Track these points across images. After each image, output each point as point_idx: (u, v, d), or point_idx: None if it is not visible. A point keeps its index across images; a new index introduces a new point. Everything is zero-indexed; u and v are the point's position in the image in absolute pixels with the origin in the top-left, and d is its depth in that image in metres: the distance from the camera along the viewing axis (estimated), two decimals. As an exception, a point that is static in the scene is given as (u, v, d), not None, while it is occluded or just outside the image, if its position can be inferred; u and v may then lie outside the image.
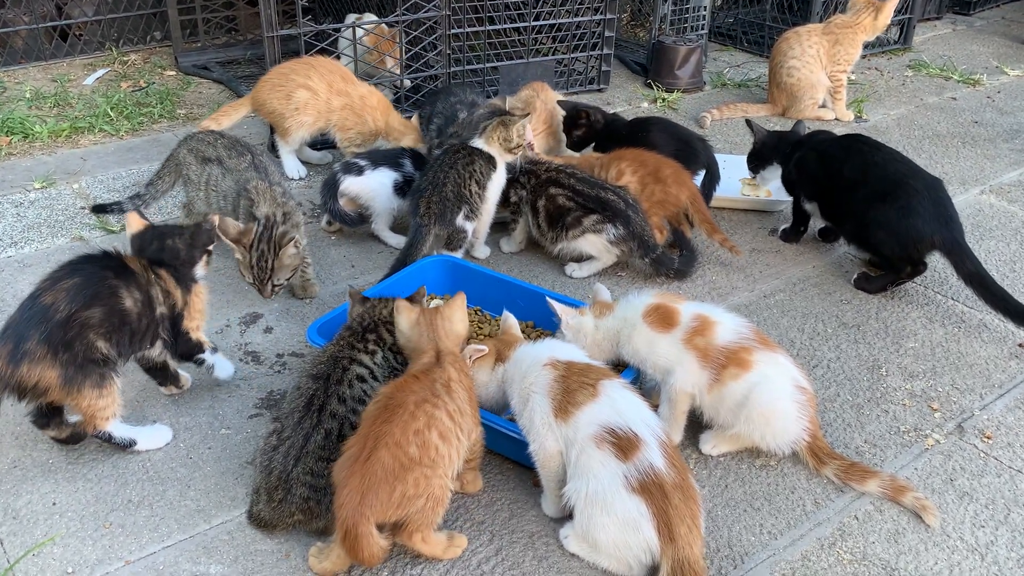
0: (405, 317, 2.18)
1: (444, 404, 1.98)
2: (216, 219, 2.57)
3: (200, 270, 2.48)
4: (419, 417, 1.92)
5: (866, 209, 3.11)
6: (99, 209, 3.21)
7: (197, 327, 2.45)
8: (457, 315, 2.20)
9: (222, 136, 3.20)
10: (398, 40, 4.29)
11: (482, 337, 2.75)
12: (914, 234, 3.02)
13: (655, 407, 2.25)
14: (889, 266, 3.18)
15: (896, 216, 3.04)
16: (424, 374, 2.03)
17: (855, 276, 3.25)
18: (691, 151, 3.56)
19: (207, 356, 2.49)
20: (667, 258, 3.20)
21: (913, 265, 3.13)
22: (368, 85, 3.89)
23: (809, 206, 3.41)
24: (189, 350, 2.45)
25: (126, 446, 2.32)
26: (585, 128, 3.74)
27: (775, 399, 2.28)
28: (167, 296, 2.36)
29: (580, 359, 2.18)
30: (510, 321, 2.40)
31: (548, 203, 3.20)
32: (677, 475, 1.96)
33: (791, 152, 3.42)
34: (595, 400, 2.03)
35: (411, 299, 2.44)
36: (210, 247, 2.48)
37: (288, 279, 2.89)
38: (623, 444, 1.96)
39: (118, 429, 2.28)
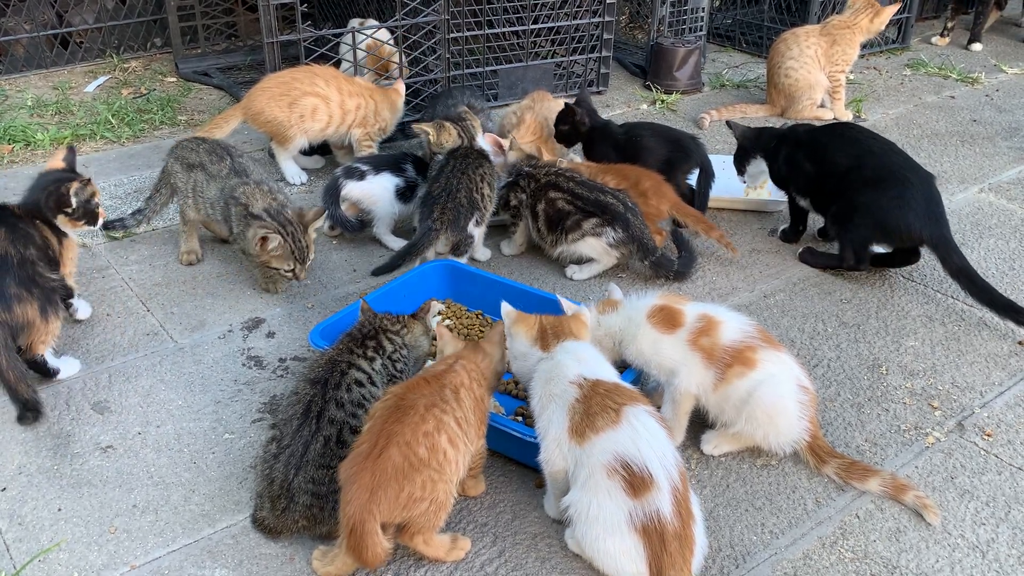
0: (451, 347, 2.23)
1: (452, 410, 1.98)
2: (73, 186, 2.70)
3: (63, 226, 2.73)
4: (429, 420, 1.93)
5: (857, 193, 3.14)
6: (103, 226, 3.22)
7: (69, 273, 2.77)
8: (497, 353, 2.21)
9: (204, 141, 3.21)
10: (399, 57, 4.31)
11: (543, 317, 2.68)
12: (903, 225, 3.06)
13: (657, 407, 2.25)
14: (843, 249, 3.22)
15: (888, 205, 3.07)
16: (435, 378, 2.04)
17: (800, 251, 3.38)
18: (684, 151, 3.58)
19: (75, 301, 2.88)
20: (667, 260, 3.21)
21: (858, 262, 3.20)
22: (363, 80, 3.94)
23: (803, 202, 3.42)
24: (66, 292, 2.77)
25: (52, 374, 2.64)
26: (568, 127, 3.72)
27: (779, 397, 2.29)
28: (47, 241, 2.67)
29: (609, 378, 2.10)
30: (584, 314, 2.31)
31: (548, 207, 3.21)
32: (680, 524, 1.91)
33: (776, 146, 3.44)
34: (616, 427, 1.95)
35: (416, 315, 2.46)
36: (67, 208, 2.69)
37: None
38: (635, 482, 1.89)
39: (50, 357, 2.63)
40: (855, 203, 3.15)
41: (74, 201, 2.66)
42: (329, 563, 1.99)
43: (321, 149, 4.07)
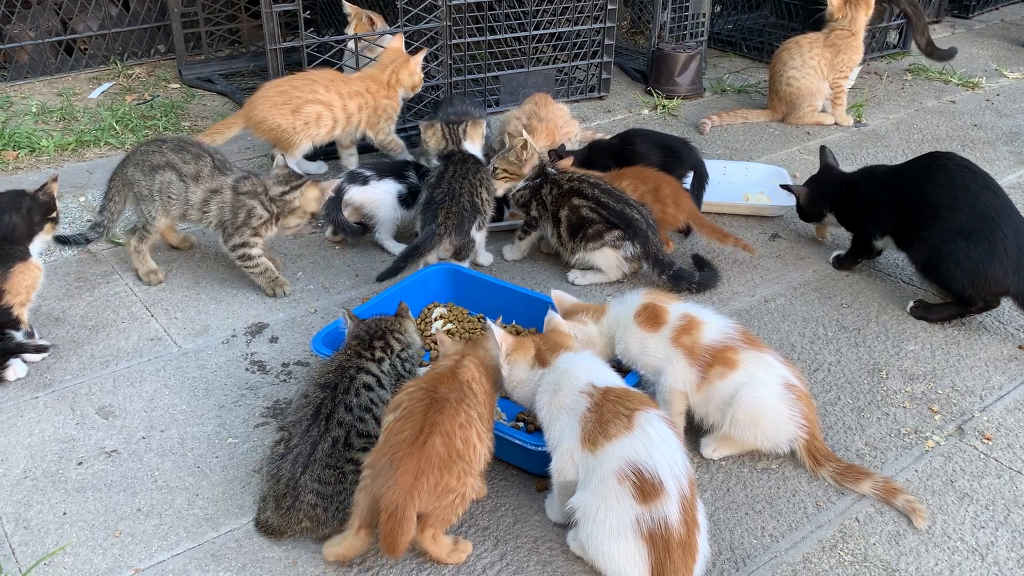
0: (449, 347, 2.26)
1: (474, 405, 2.02)
2: (53, 187, 2.74)
3: (39, 241, 2.72)
4: (461, 414, 1.97)
5: (946, 243, 2.94)
6: (61, 240, 3.14)
7: (20, 303, 2.65)
8: (495, 351, 2.23)
9: (164, 141, 3.11)
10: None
11: (531, 331, 2.73)
12: (992, 280, 2.89)
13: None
14: (959, 300, 3.02)
15: (977, 257, 2.89)
16: (452, 373, 2.07)
17: (911, 305, 3.12)
18: (676, 156, 3.62)
19: (18, 336, 2.67)
20: (686, 272, 3.20)
21: (985, 301, 2.99)
22: (361, 72, 3.97)
23: (880, 242, 3.22)
24: (6, 320, 2.64)
25: None
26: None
27: (761, 399, 2.30)
28: None
29: (617, 383, 2.11)
30: (556, 321, 2.33)
31: (571, 213, 3.18)
32: (685, 532, 1.92)
33: (847, 192, 3.29)
34: (629, 434, 1.95)
35: (398, 315, 2.47)
36: (52, 215, 2.66)
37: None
38: (645, 488, 1.90)
39: None
40: (942, 252, 2.95)
41: None
42: (337, 544, 2.01)
43: (324, 154, 4.09)
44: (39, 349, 2.74)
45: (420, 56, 3.96)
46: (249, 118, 3.71)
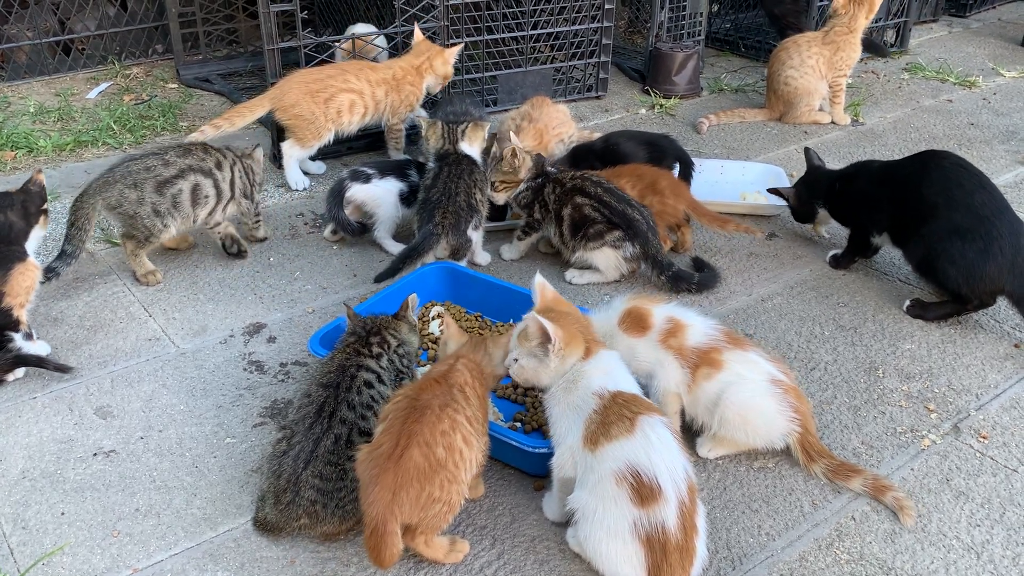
0: (455, 339, 2.26)
1: (463, 409, 2.01)
2: (40, 177, 2.80)
3: (35, 238, 2.74)
4: (444, 419, 1.96)
5: (941, 241, 2.95)
6: None
7: (20, 304, 2.65)
8: (499, 355, 2.22)
9: (157, 154, 3.07)
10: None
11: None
12: (987, 279, 2.91)
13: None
14: (955, 299, 3.03)
15: (973, 256, 2.90)
16: (443, 378, 2.07)
17: (907, 304, 3.13)
18: (659, 149, 3.71)
19: (17, 337, 2.66)
20: (686, 273, 3.21)
21: (981, 300, 3.00)
22: (387, 63, 4.06)
23: (879, 238, 3.24)
24: (6, 322, 2.62)
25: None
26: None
27: (749, 398, 2.31)
28: None
29: (629, 388, 2.10)
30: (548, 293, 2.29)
31: (574, 212, 3.19)
32: (683, 537, 1.92)
33: (840, 187, 3.32)
34: (630, 436, 1.96)
35: (398, 314, 2.48)
36: (44, 206, 2.71)
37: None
38: (643, 491, 1.90)
39: None
40: (938, 251, 2.96)
41: None
42: None
43: (323, 154, 4.10)
44: (60, 368, 2.69)
45: (456, 49, 4.07)
46: (279, 101, 3.69)
